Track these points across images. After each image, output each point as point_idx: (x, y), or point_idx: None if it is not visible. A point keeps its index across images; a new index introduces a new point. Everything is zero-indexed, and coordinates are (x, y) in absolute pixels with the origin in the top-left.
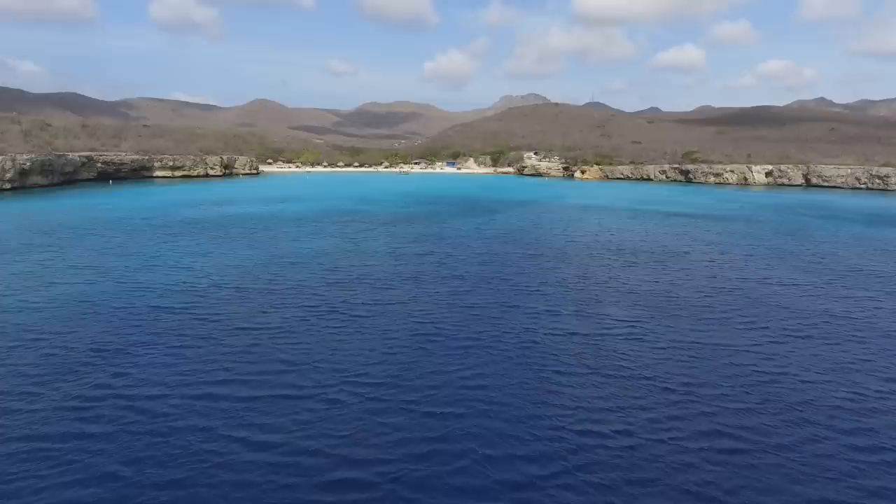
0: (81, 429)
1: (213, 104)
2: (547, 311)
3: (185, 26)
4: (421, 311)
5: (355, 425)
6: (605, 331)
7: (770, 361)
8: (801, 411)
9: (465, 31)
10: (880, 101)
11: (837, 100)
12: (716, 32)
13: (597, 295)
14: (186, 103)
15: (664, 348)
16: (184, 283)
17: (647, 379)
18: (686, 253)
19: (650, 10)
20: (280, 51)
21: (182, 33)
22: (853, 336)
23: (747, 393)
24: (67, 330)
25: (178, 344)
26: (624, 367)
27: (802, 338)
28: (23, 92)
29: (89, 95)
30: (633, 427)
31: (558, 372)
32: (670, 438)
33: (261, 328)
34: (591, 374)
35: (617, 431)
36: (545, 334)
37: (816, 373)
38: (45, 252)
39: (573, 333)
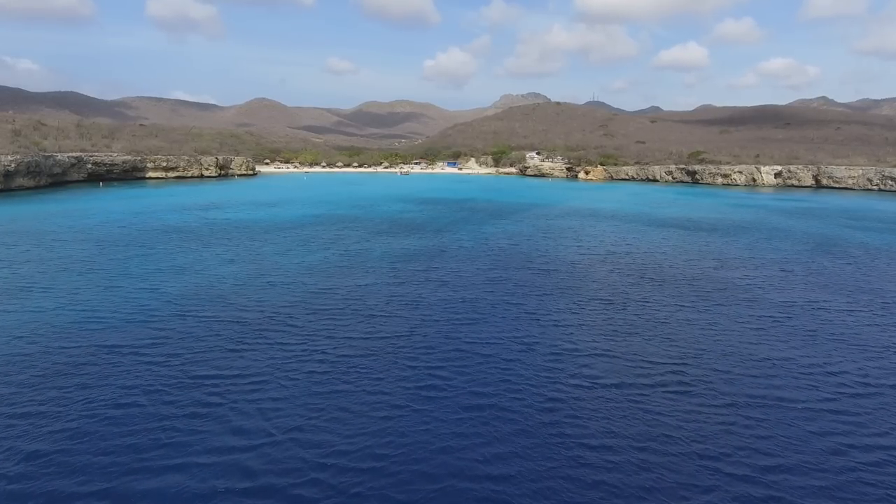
0: None
1: (213, 103)
2: (570, 350)
3: (184, 24)
4: (420, 350)
5: None
6: (646, 382)
7: (866, 431)
8: None
9: (467, 29)
10: (882, 100)
11: (839, 99)
12: (719, 30)
13: (626, 327)
14: (185, 102)
15: (724, 409)
16: (143, 310)
17: (713, 458)
18: (716, 269)
19: (653, 7)
20: (279, 49)
21: (181, 31)
22: None
23: (850, 485)
24: None
25: (111, 408)
26: (679, 440)
27: (888, 389)
28: (21, 91)
29: (88, 94)
30: None
31: (592, 460)
32: None
33: (221, 378)
34: (638, 462)
35: None
36: (572, 388)
37: None
38: None
39: (606, 387)
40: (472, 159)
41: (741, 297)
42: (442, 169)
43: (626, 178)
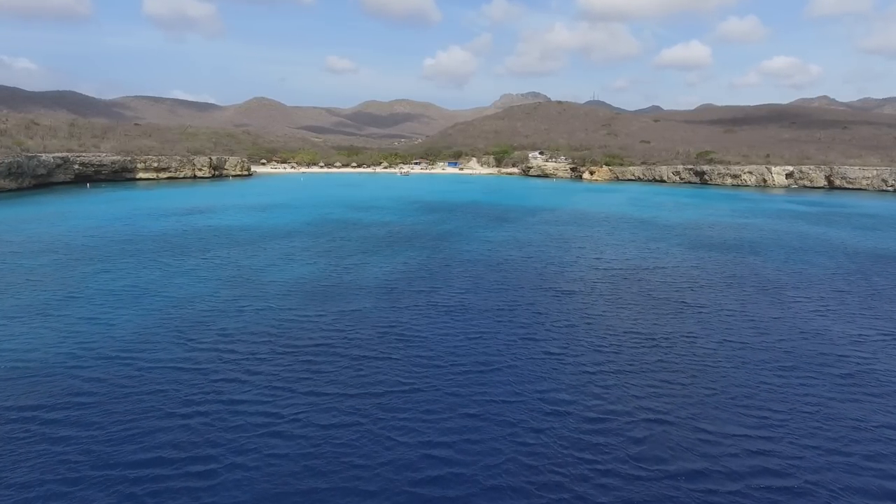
0: None
1: (212, 103)
2: (613, 421)
3: (182, 23)
4: (418, 415)
5: None
6: (728, 485)
7: None
8: None
9: (467, 28)
10: (883, 99)
11: (841, 98)
12: (722, 29)
13: (677, 380)
14: (183, 102)
15: None
16: (76, 350)
17: None
18: (762, 292)
19: (657, 5)
20: (279, 48)
21: (179, 30)
22: None
23: None
24: None
25: None
26: None
27: None
28: (19, 90)
29: (86, 94)
30: None
31: None
32: None
33: (148, 462)
34: None
35: None
36: (624, 487)
37: None
38: None
39: (671, 481)
40: (474, 159)
41: (804, 329)
42: (443, 169)
43: (633, 178)
